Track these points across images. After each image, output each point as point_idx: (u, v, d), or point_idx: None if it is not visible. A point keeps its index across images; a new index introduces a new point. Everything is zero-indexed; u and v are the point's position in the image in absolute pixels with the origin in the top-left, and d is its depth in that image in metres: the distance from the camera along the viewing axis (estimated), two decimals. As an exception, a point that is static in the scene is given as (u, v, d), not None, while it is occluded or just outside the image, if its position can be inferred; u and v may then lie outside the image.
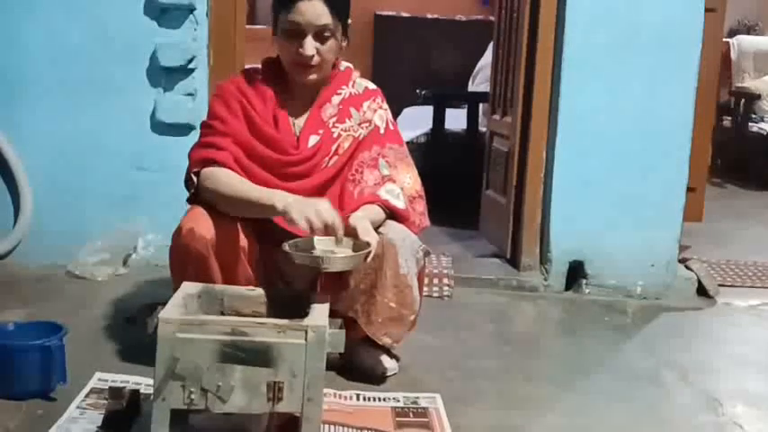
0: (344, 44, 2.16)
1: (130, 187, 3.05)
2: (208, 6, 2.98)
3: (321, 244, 1.91)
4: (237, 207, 2.01)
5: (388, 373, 2.20)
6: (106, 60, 2.98)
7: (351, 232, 1.95)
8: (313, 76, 2.13)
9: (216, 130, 2.11)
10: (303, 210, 1.85)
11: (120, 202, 3.06)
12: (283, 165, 2.11)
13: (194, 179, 2.08)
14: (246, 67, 2.35)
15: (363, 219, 2.01)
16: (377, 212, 2.09)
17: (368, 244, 1.91)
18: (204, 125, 2.17)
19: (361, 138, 2.19)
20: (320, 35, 2.06)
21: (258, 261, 2.15)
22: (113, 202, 3.05)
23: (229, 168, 2.04)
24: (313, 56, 2.07)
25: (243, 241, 2.05)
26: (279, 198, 1.93)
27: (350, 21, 2.16)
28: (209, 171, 2.05)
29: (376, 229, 2.05)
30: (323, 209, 1.86)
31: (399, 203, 2.13)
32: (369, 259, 1.93)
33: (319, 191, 2.11)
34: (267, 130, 2.12)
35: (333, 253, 1.87)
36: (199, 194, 2.07)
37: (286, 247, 1.86)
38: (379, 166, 2.18)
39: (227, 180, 2.02)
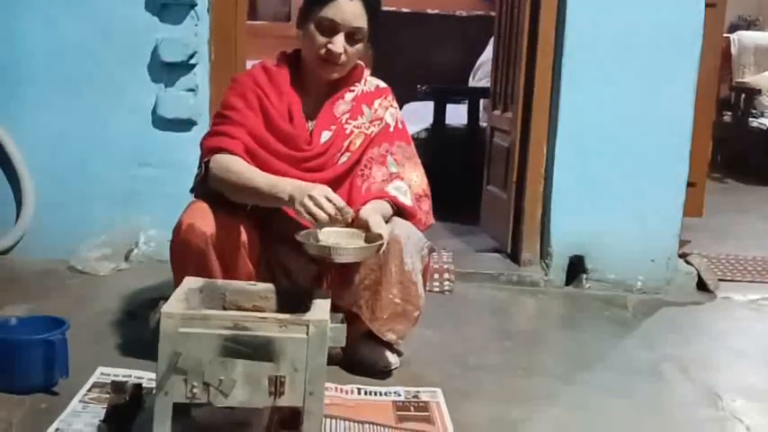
0: (369, 51, 2.18)
1: (132, 183, 3.06)
2: (209, 2, 2.99)
3: (333, 235, 1.92)
4: (244, 195, 2.02)
5: (390, 368, 2.21)
6: (107, 56, 2.99)
7: (362, 225, 1.96)
8: (335, 75, 2.14)
9: (228, 120, 2.10)
10: (304, 201, 1.86)
11: (121, 198, 3.06)
12: (297, 160, 2.11)
13: (203, 168, 2.08)
14: (251, 62, 2.34)
15: (374, 212, 2.01)
16: (385, 208, 2.10)
17: (380, 236, 1.92)
18: (217, 114, 2.17)
19: (373, 135, 2.20)
20: (352, 36, 2.08)
21: (260, 256, 2.16)
22: (115, 197, 3.06)
23: (238, 156, 2.04)
24: (341, 54, 2.07)
25: (243, 236, 2.06)
26: (283, 187, 1.93)
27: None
28: (218, 158, 2.05)
29: None
30: (323, 197, 1.86)
31: (407, 200, 2.14)
32: (381, 251, 1.94)
33: (331, 186, 2.12)
34: (282, 124, 2.12)
35: (346, 244, 1.88)
36: (207, 182, 2.08)
37: (299, 237, 1.87)
38: (387, 162, 2.18)
39: (235, 167, 2.02)
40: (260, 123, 2.11)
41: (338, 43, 2.07)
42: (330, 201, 1.86)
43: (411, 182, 2.20)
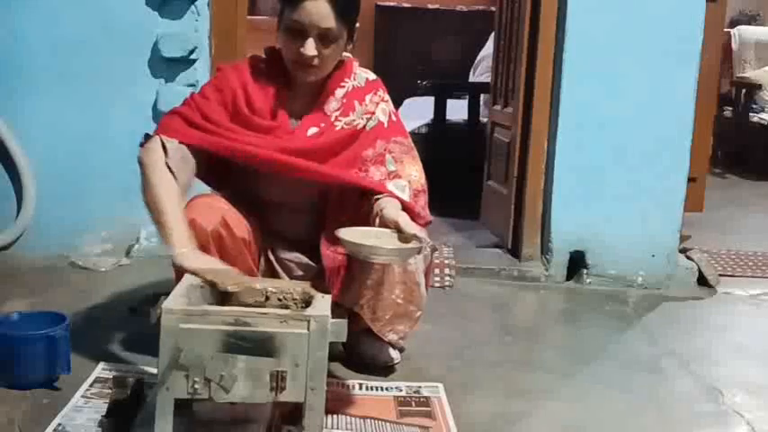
0: (349, 47, 2.12)
1: (133, 178, 3.00)
2: (209, -3, 2.99)
3: (371, 234, 1.88)
4: (150, 209, 1.99)
5: (392, 363, 2.21)
6: (108, 51, 2.99)
7: (393, 224, 1.90)
8: (312, 77, 2.08)
9: (192, 105, 2.07)
10: (203, 267, 1.82)
11: (122, 193, 3.06)
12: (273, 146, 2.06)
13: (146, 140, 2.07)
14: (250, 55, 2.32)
15: (400, 211, 1.95)
16: (396, 204, 2.04)
17: (415, 236, 1.85)
18: (191, 95, 2.12)
19: (359, 127, 2.14)
20: (323, 37, 2.00)
21: (260, 252, 2.15)
22: (116, 192, 3.06)
23: (184, 140, 2.01)
24: (314, 57, 2.01)
25: (244, 233, 2.05)
26: (180, 242, 1.87)
27: (357, 25, 2.11)
28: (152, 150, 2.03)
29: None
30: (226, 271, 1.83)
31: (404, 196, 2.09)
32: (421, 254, 1.90)
33: (305, 158, 2.07)
34: (259, 121, 2.06)
35: (387, 245, 1.83)
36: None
37: (340, 233, 1.82)
38: (385, 162, 2.14)
39: (158, 183, 2.00)
40: (225, 118, 2.06)
41: (309, 47, 2.00)
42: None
43: (410, 177, 2.15)
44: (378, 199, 2.04)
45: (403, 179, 2.13)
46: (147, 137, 2.08)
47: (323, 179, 2.06)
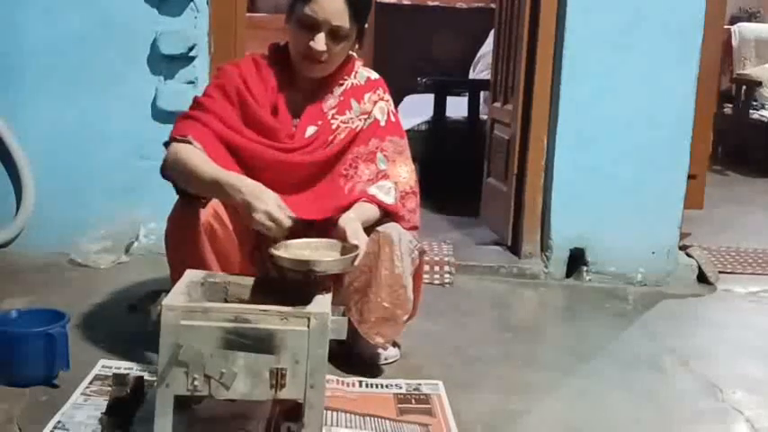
0: (357, 47, 2.12)
1: (132, 175, 3.05)
2: (208, -6, 2.98)
3: (310, 247, 1.88)
4: (196, 186, 1.96)
5: (389, 361, 2.21)
6: (107, 48, 2.99)
7: (340, 235, 1.92)
8: (318, 73, 2.10)
9: (201, 106, 2.06)
10: (257, 217, 1.83)
11: (121, 191, 3.06)
12: (277, 150, 2.07)
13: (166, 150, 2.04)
14: (248, 53, 2.32)
15: (354, 220, 1.97)
16: (370, 211, 2.06)
17: (356, 247, 1.87)
18: (194, 100, 2.12)
19: (358, 129, 2.14)
20: (334, 34, 2.02)
21: (254, 249, 2.15)
22: (115, 190, 3.06)
23: (204, 144, 1.98)
24: (323, 52, 2.02)
25: (238, 228, 2.04)
26: (238, 188, 1.86)
27: (366, 25, 2.11)
28: (177, 147, 1.99)
29: (372, 227, 2.04)
30: (271, 208, 1.83)
31: (389, 199, 2.09)
32: (356, 263, 1.87)
33: (309, 171, 2.09)
34: (264, 117, 2.07)
35: (321, 255, 1.84)
36: (165, 170, 2.03)
37: (273, 250, 1.82)
38: (376, 160, 2.14)
39: (192, 159, 1.94)
40: (234, 115, 2.06)
41: (320, 41, 2.01)
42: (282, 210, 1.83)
43: (399, 178, 2.15)
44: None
45: (390, 180, 2.13)
46: (167, 144, 2.05)
47: (308, 216, 2.03)
